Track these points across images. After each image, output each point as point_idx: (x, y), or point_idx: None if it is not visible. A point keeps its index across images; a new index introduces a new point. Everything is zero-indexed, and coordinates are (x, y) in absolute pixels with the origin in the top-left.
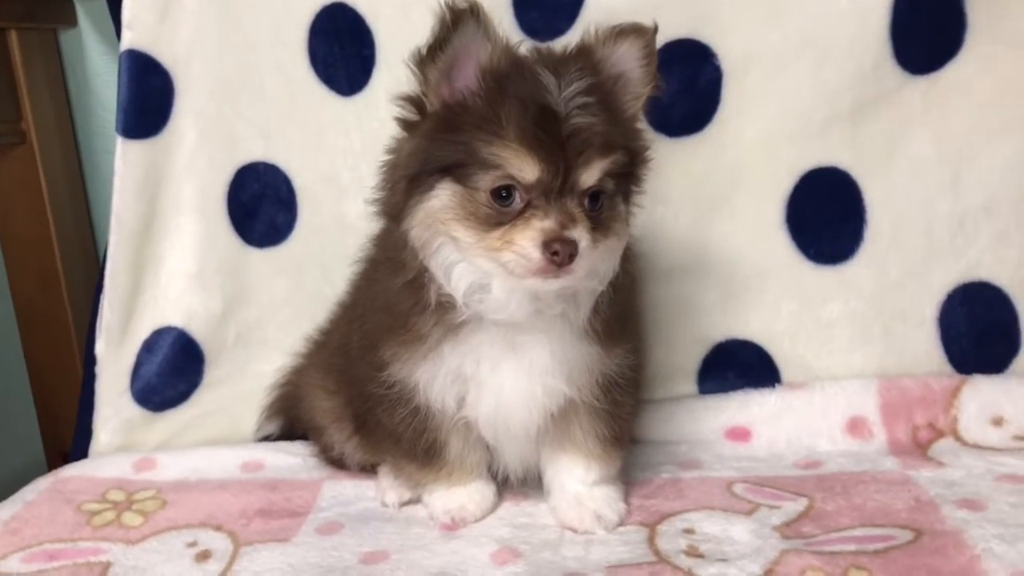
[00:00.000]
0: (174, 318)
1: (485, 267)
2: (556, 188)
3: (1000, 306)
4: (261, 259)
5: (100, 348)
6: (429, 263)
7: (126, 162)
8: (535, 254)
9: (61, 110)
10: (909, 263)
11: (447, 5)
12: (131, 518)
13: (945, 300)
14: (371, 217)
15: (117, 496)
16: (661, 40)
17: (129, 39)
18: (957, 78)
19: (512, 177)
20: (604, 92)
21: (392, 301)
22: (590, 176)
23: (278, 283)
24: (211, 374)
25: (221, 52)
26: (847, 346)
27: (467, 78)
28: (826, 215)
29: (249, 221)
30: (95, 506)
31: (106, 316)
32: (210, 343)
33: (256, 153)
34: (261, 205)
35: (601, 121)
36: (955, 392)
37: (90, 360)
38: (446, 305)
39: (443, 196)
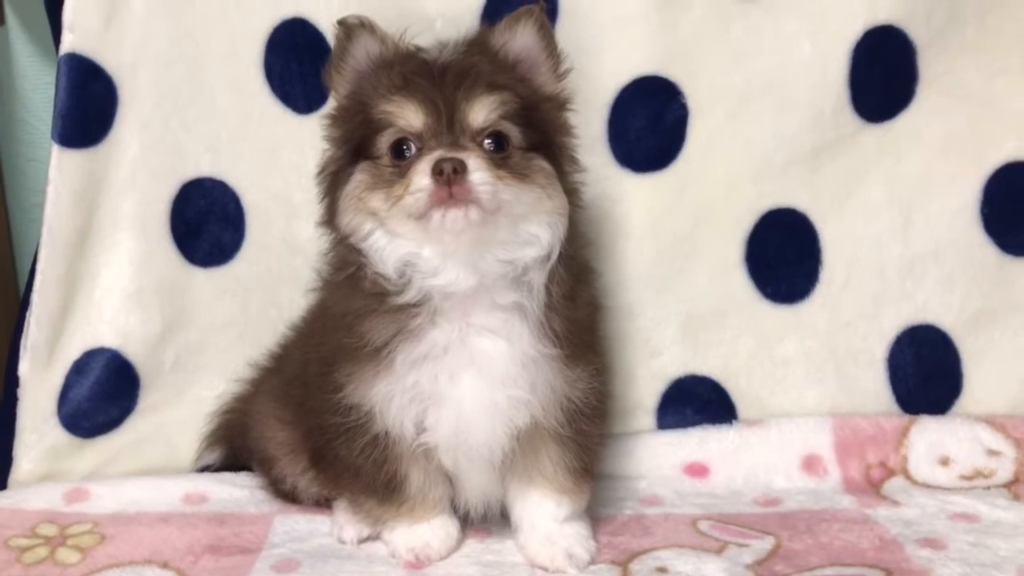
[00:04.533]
0: (108, 338)
1: (403, 230)
2: (444, 129)
3: (944, 349)
4: (204, 279)
5: (24, 368)
6: (362, 247)
7: (62, 172)
8: (425, 181)
9: None
10: (861, 304)
11: (339, 22)
12: (67, 555)
13: (894, 342)
14: (319, 236)
15: (49, 530)
16: (630, 75)
17: (70, 42)
18: (909, 127)
19: (403, 130)
20: (492, 56)
21: (339, 307)
22: (477, 113)
23: (221, 305)
24: (146, 399)
25: (170, 61)
26: (801, 384)
27: (365, 74)
28: (783, 255)
29: (193, 239)
30: (24, 541)
31: (32, 334)
32: (146, 366)
33: (203, 168)
34: (206, 222)
35: (483, 64)
36: (904, 432)
37: (12, 381)
38: (389, 292)
39: (357, 175)
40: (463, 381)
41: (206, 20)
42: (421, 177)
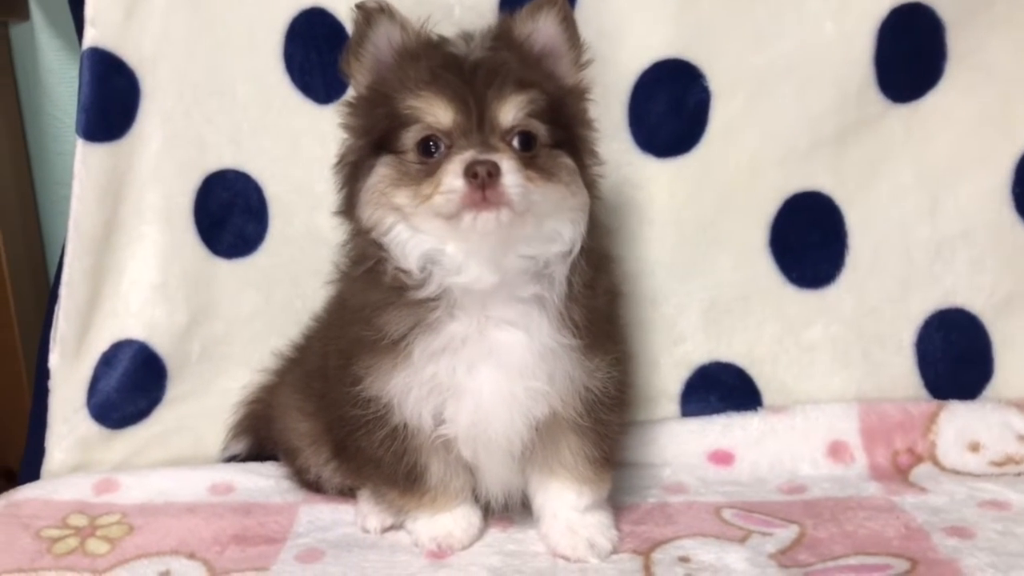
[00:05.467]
0: (135, 331)
1: (430, 228)
2: (474, 128)
3: (974, 333)
4: (229, 270)
5: (54, 361)
6: (383, 241)
7: (87, 166)
8: (458, 183)
9: (10, 107)
10: (888, 288)
11: (358, 7)
12: (96, 545)
13: (922, 326)
14: (340, 227)
15: (79, 521)
16: (650, 59)
17: (92, 36)
18: (937, 107)
19: (431, 127)
20: (519, 50)
21: (357, 300)
22: (507, 112)
23: (246, 296)
24: (174, 390)
25: (191, 53)
26: (827, 370)
27: (387, 64)
28: (809, 239)
29: (217, 231)
30: (55, 532)
31: (61, 327)
32: (173, 357)
33: (225, 160)
34: (230, 214)
35: (512, 60)
36: (933, 417)
37: (43, 374)
38: (408, 286)
39: (381, 168)
40: (481, 373)
41: (225, 11)
42: (453, 178)
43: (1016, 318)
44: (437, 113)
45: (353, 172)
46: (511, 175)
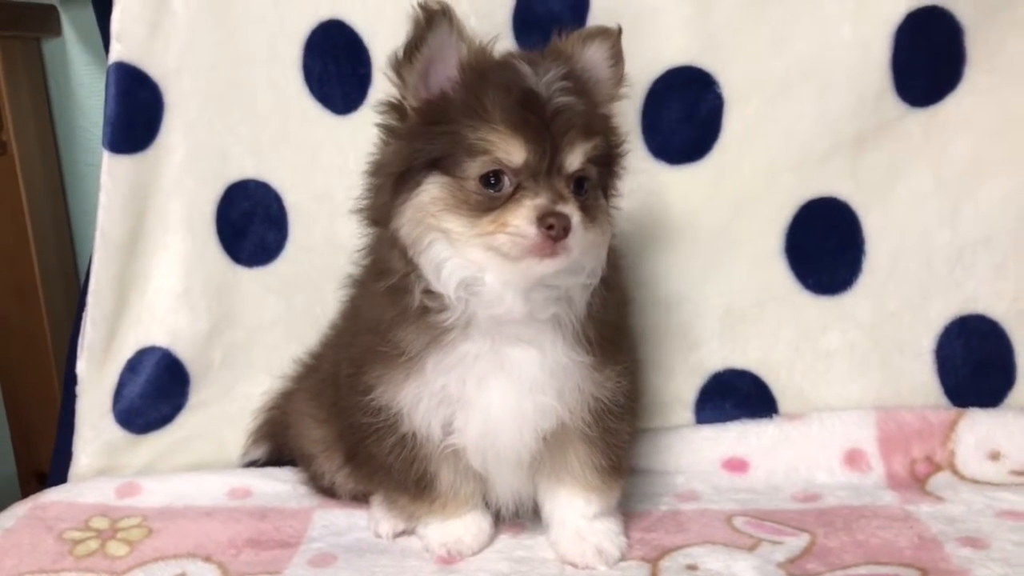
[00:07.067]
0: (159, 338)
1: (478, 257)
2: (544, 170)
3: (996, 339)
4: (250, 278)
5: (81, 367)
6: (419, 260)
7: (112, 177)
8: (531, 230)
9: (43, 120)
10: (907, 294)
11: (420, 5)
12: (116, 547)
13: (942, 332)
14: (359, 233)
15: (101, 524)
16: (663, 67)
17: (118, 51)
18: (957, 111)
19: (500, 161)
20: (579, 82)
21: (374, 313)
22: (575, 159)
23: (267, 303)
24: (196, 396)
25: (213, 66)
26: (844, 377)
27: (445, 75)
28: (825, 245)
29: (238, 239)
30: (77, 534)
31: (88, 334)
32: (196, 364)
33: (247, 170)
34: (251, 223)
35: (581, 105)
36: (952, 425)
37: (70, 379)
38: (431, 309)
39: (432, 189)
40: (491, 387)
41: (246, 24)
42: (526, 224)
43: None
44: (511, 151)
45: (395, 183)
46: (578, 231)
